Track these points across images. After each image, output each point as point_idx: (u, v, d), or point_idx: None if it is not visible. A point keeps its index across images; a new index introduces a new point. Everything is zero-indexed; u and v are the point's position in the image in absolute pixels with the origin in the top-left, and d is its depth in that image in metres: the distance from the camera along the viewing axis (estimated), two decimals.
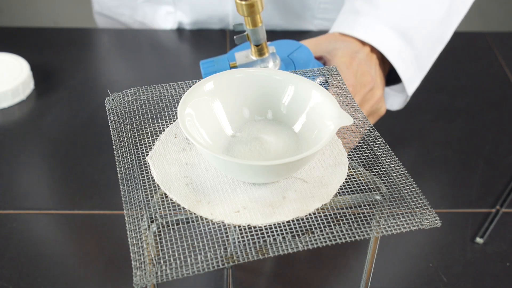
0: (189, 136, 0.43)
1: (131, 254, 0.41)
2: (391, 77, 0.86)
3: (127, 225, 0.43)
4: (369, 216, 0.47)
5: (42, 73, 1.01)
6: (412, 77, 0.85)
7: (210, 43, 1.10)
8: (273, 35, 1.11)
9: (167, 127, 0.50)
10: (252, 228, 0.46)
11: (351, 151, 0.50)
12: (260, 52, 0.65)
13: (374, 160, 0.50)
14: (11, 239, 0.74)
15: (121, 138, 0.49)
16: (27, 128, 0.91)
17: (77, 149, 0.87)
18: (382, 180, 0.48)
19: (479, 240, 0.75)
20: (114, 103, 0.51)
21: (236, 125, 0.49)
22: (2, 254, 0.72)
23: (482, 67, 1.07)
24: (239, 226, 0.43)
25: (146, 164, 0.46)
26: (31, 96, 0.97)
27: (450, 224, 0.78)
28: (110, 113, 0.50)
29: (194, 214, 0.43)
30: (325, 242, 0.43)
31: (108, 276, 0.71)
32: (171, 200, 0.44)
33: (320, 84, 0.59)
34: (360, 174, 0.48)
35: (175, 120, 0.50)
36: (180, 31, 1.13)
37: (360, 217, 0.48)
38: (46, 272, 0.71)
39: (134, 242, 0.42)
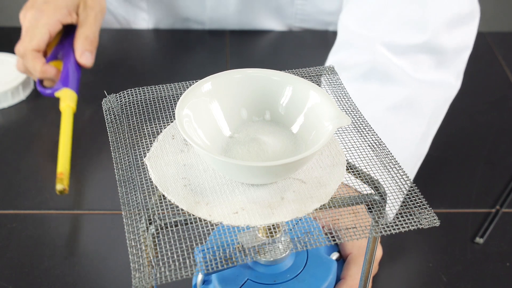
0: (187, 137, 0.43)
1: (130, 256, 0.41)
2: None
3: (125, 227, 0.43)
4: (368, 216, 0.47)
5: None
6: (395, 202, 0.79)
7: (212, 44, 1.10)
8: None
9: (164, 128, 0.50)
10: (251, 229, 0.46)
11: (349, 151, 0.50)
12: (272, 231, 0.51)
13: (373, 160, 0.50)
14: (11, 239, 0.74)
15: (118, 139, 0.49)
16: (27, 128, 0.91)
17: (77, 149, 0.87)
18: (381, 180, 0.48)
19: (479, 240, 0.75)
20: (111, 104, 0.51)
21: (234, 126, 0.49)
22: (2, 254, 0.72)
23: (482, 67, 1.07)
24: (237, 227, 0.43)
25: (143, 165, 0.46)
26: (31, 96, 0.97)
27: (450, 224, 0.78)
28: (107, 115, 0.50)
29: (193, 215, 0.43)
30: (324, 243, 0.43)
31: (107, 276, 0.71)
32: (169, 201, 0.44)
33: None
34: (359, 173, 0.48)
35: (172, 121, 0.50)
36: (180, 31, 1.13)
37: (358, 217, 0.48)
38: (46, 272, 0.71)
39: (133, 244, 0.42)
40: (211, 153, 0.43)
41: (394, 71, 0.79)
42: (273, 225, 0.48)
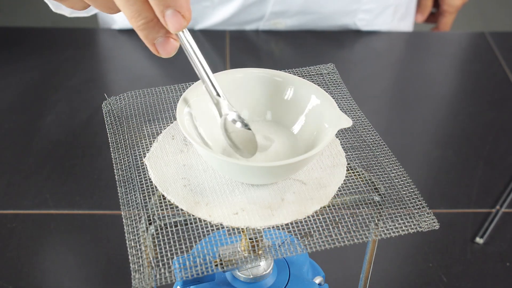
0: (188, 135, 0.43)
1: (129, 257, 0.41)
2: None
3: (125, 227, 0.43)
4: (368, 218, 0.47)
5: (42, 73, 1.01)
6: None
7: (212, 44, 1.10)
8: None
9: (164, 129, 0.50)
10: (251, 230, 0.46)
11: (349, 151, 0.50)
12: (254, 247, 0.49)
13: (373, 161, 0.50)
14: (11, 239, 0.74)
15: (118, 140, 0.49)
16: (28, 128, 0.91)
17: (77, 149, 0.87)
18: (381, 181, 0.48)
19: (479, 240, 0.75)
20: (111, 106, 0.51)
21: None
22: (2, 254, 0.72)
23: (482, 67, 1.07)
24: (237, 229, 0.43)
25: (143, 165, 0.46)
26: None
27: (450, 224, 0.78)
28: (107, 117, 0.50)
29: (193, 215, 0.43)
30: (324, 246, 0.43)
31: (108, 276, 0.71)
32: (169, 201, 0.44)
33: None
34: (359, 174, 0.48)
35: (172, 122, 0.50)
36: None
37: (358, 219, 0.48)
38: (46, 272, 0.71)
39: (133, 244, 0.42)
40: (212, 152, 0.43)
41: None
42: (256, 241, 0.48)
